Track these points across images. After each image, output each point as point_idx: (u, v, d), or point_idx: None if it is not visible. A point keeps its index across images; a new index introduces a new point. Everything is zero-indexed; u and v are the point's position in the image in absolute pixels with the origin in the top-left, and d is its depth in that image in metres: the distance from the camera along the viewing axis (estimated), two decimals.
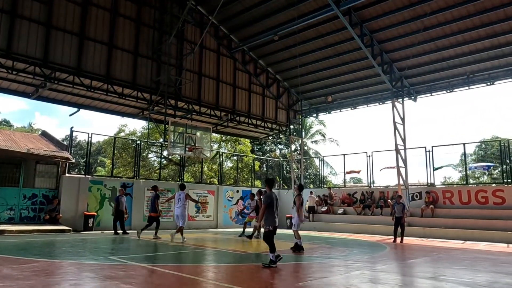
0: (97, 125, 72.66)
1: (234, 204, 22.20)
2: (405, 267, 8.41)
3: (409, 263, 9.12)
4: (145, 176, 27.09)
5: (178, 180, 20.96)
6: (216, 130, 23.00)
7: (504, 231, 14.87)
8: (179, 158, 21.73)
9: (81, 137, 46.96)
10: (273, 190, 8.54)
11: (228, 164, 32.36)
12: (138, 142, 20.79)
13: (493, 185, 18.84)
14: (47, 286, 5.45)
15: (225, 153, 30.23)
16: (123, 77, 16.43)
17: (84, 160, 19.78)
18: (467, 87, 18.03)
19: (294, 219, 11.11)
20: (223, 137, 32.16)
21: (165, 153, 23.04)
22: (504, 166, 18.47)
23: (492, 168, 22.27)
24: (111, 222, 16.88)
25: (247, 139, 31.10)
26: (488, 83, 17.39)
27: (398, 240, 14.25)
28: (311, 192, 22.40)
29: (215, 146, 33.27)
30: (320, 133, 38.33)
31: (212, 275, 7.00)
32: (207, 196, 20.94)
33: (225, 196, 21.91)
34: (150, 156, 31.35)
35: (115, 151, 27.15)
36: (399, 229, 14.35)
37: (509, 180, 17.55)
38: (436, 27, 16.21)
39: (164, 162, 28.27)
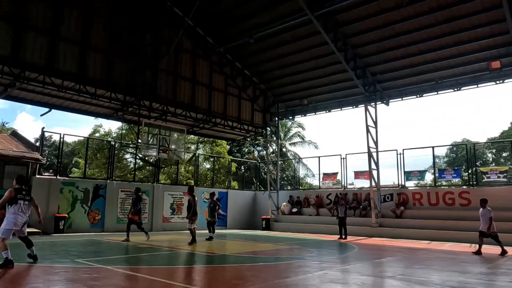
0: (83, 125, 71.24)
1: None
2: (368, 267, 8.67)
3: (373, 263, 9.40)
4: (120, 177, 26.79)
5: (154, 181, 20.84)
6: (192, 132, 22.96)
7: (468, 231, 15.43)
8: (155, 159, 21.62)
9: (58, 137, 45.91)
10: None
11: (205, 165, 32.31)
12: (112, 143, 20.57)
13: (464, 187, 19.51)
14: None
15: (201, 154, 30.16)
16: (96, 77, 16.20)
17: (61, 161, 19.49)
18: (436, 93, 18.61)
19: None
20: (200, 139, 32.11)
21: (140, 154, 22.87)
22: (470, 169, 19.18)
23: (462, 171, 23.01)
24: (83, 224, 16.71)
25: (224, 141, 31.12)
26: (455, 89, 17.98)
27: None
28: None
29: (192, 147, 33.17)
30: (299, 135, 38.74)
31: (174, 276, 7.06)
32: (183, 198, 20.88)
33: (201, 198, 21.90)
34: (126, 156, 30.99)
35: (90, 152, 26.76)
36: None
37: (475, 182, 18.26)
38: (406, 34, 16.64)
39: (141, 163, 28.06)
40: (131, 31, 17.48)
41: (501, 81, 16.80)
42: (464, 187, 19.49)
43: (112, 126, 47.46)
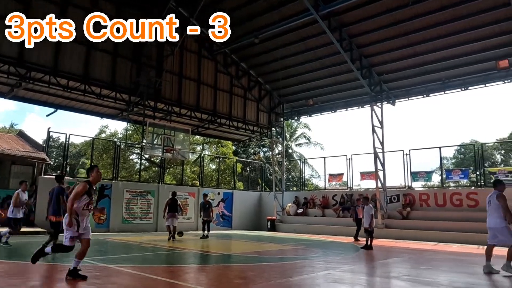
0: (91, 126, 71.72)
1: (215, 206, 22.20)
2: (373, 268, 8.54)
3: (378, 263, 9.26)
4: (126, 177, 26.88)
5: (159, 181, 20.85)
6: (197, 132, 22.96)
7: (476, 233, 15.20)
8: (160, 160, 21.64)
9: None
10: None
11: (211, 166, 32.34)
12: (118, 143, 20.64)
13: (472, 188, 19.26)
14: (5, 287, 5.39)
15: (206, 155, 30.17)
16: (101, 78, 16.28)
17: (66, 161, 19.63)
18: (443, 92, 18.41)
19: None
20: (206, 140, 32.14)
21: (146, 155, 22.96)
22: (478, 170, 18.93)
23: (470, 171, 22.69)
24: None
25: (229, 142, 31.11)
26: (463, 89, 17.77)
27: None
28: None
29: (198, 148, 33.22)
30: (304, 136, 38.59)
31: (176, 275, 7.00)
32: (188, 198, 20.88)
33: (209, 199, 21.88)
34: (132, 157, 31.11)
35: (96, 153, 26.90)
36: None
37: (483, 183, 18.02)
38: (414, 32, 16.47)
39: (146, 163, 28.17)
40: (136, 31, 17.47)
41: (509, 81, 16.56)
42: (472, 188, 19.21)
43: (118, 127, 47.76)
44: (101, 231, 16.75)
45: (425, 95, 18.95)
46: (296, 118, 25.33)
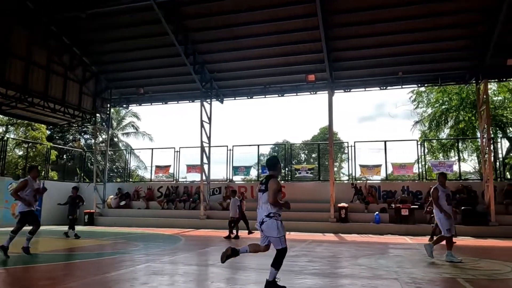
0: None
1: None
2: (192, 257, 8.92)
3: (197, 253, 9.72)
4: None
5: None
6: (0, 111, 19.26)
7: (284, 221, 17.54)
8: None
9: None
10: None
11: (16, 152, 27.64)
12: None
13: (282, 182, 22.03)
14: None
15: (11, 138, 25.66)
16: None
17: None
18: (264, 96, 20.53)
19: None
20: (12, 120, 27.31)
21: None
22: (287, 167, 21.95)
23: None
24: None
25: (43, 125, 27.22)
26: (279, 95, 20.22)
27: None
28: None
29: (0, 130, 27.94)
30: (133, 126, 37.02)
31: None
32: None
33: (8, 190, 18.62)
34: None
35: None
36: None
37: (290, 178, 21.00)
38: (243, 38, 17.73)
39: None
40: None
41: (314, 93, 19.63)
42: (282, 182, 22.06)
43: None
44: None
45: (249, 97, 20.73)
46: (124, 106, 24.04)
